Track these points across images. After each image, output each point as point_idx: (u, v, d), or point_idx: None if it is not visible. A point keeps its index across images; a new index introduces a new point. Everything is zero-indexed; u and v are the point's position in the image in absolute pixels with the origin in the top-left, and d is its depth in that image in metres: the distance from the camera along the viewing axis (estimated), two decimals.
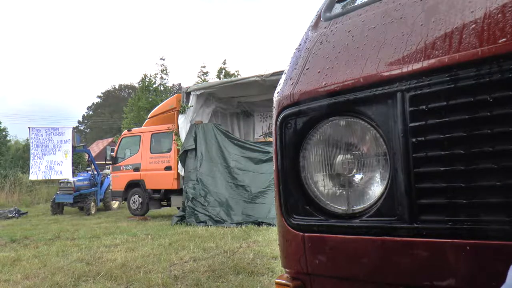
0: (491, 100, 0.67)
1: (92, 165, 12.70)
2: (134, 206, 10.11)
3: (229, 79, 10.45)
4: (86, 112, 64.49)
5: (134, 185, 10.13)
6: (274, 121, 1.01)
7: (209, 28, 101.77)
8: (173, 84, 37.93)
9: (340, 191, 0.91)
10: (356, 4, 1.02)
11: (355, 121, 0.87)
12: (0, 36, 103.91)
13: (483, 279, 0.68)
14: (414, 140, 0.76)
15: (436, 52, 0.74)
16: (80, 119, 62.66)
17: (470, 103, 0.69)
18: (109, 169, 13.21)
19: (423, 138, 0.75)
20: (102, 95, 62.89)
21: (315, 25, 1.08)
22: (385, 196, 0.81)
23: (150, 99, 22.03)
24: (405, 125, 0.77)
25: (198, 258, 4.52)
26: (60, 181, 11.80)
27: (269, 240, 5.49)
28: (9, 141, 26.04)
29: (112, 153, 10.78)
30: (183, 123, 8.43)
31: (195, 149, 8.26)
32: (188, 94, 8.50)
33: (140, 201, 10.00)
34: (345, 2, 1.08)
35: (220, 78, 20.59)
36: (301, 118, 0.94)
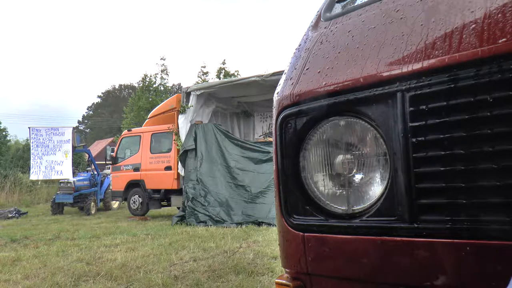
0: (491, 100, 0.67)
1: (92, 165, 12.70)
2: (134, 206, 10.11)
3: (229, 79, 10.46)
4: (86, 112, 64.58)
5: (134, 185, 10.13)
6: (274, 121, 1.01)
7: (209, 28, 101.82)
8: (173, 84, 37.96)
9: (340, 191, 0.91)
10: (356, 4, 1.02)
11: (355, 121, 0.87)
12: (1, 37, 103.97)
13: (483, 279, 0.68)
14: (414, 140, 0.76)
15: (436, 52, 0.74)
16: (80, 119, 62.72)
17: (470, 103, 0.69)
18: (109, 169, 13.21)
19: (423, 138, 0.75)
20: (102, 95, 62.93)
21: (315, 25, 1.08)
22: (385, 196, 0.81)
23: (150, 99, 22.01)
24: (405, 125, 0.77)
25: (198, 258, 4.52)
26: (60, 181, 11.80)
27: (269, 240, 5.49)
28: (9, 141, 26.03)
29: (112, 153, 10.78)
30: (183, 123, 8.43)
31: (195, 149, 8.25)
32: (188, 94, 8.51)
33: (140, 201, 10.00)
34: (345, 2, 1.08)
35: (220, 78, 20.57)
36: (301, 118, 0.94)
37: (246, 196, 7.90)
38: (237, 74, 21.83)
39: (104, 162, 14.58)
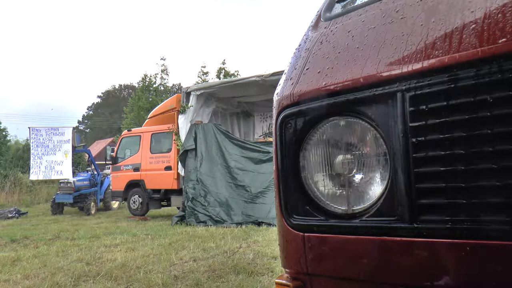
0: (491, 100, 0.67)
1: (92, 165, 12.71)
2: (134, 206, 10.11)
3: (229, 79, 10.46)
4: (86, 112, 64.50)
5: (134, 185, 10.14)
6: (274, 121, 1.01)
7: (209, 28, 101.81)
8: (173, 84, 37.90)
9: (340, 191, 0.91)
10: (356, 4, 1.02)
11: (355, 121, 0.87)
12: (1, 38, 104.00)
13: (483, 279, 0.68)
14: (414, 140, 0.76)
15: (436, 52, 0.74)
16: (80, 119, 62.69)
17: (470, 103, 0.69)
18: (109, 169, 13.21)
19: (423, 138, 0.75)
20: (102, 95, 62.89)
21: (315, 25, 1.08)
22: (385, 196, 0.81)
23: (150, 99, 22.02)
24: (405, 125, 0.77)
25: (198, 258, 4.53)
26: (60, 181, 11.80)
27: (269, 240, 5.50)
28: (9, 141, 26.03)
29: (112, 153, 10.78)
30: (183, 123, 8.44)
31: (195, 149, 8.26)
32: (188, 94, 8.51)
33: (140, 201, 10.00)
34: (345, 2, 1.08)
35: (220, 78, 20.56)
36: (301, 118, 0.94)
37: (246, 196, 7.91)
38: (237, 74, 21.82)
39: (104, 162, 14.57)
